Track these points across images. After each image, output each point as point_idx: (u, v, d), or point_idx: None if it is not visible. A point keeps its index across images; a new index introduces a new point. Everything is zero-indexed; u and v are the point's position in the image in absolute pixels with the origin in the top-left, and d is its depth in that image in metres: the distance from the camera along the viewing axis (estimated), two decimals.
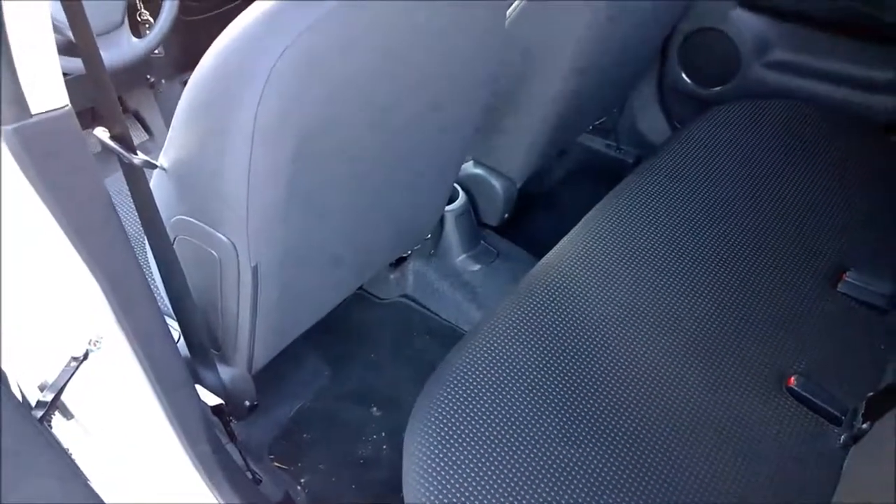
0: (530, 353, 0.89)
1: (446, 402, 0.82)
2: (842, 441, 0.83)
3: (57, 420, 0.76)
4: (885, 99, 1.38)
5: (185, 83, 0.67)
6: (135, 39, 1.31)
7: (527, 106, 1.21)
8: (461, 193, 1.39)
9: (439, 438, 0.78)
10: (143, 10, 1.31)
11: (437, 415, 0.80)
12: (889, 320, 0.99)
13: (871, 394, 0.83)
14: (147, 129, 1.79)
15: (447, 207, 1.36)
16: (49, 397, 0.68)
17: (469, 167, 1.39)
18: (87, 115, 1.48)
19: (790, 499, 0.78)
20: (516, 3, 1.10)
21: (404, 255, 1.40)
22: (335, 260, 0.95)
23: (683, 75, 1.61)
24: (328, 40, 0.62)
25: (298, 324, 1.00)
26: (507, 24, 0.90)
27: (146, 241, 0.73)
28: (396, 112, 0.79)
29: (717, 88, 1.56)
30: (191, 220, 0.75)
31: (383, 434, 1.21)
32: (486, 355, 0.87)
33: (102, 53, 0.56)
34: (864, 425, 0.80)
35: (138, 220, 0.69)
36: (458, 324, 1.39)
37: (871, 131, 1.39)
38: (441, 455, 0.77)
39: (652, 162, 1.26)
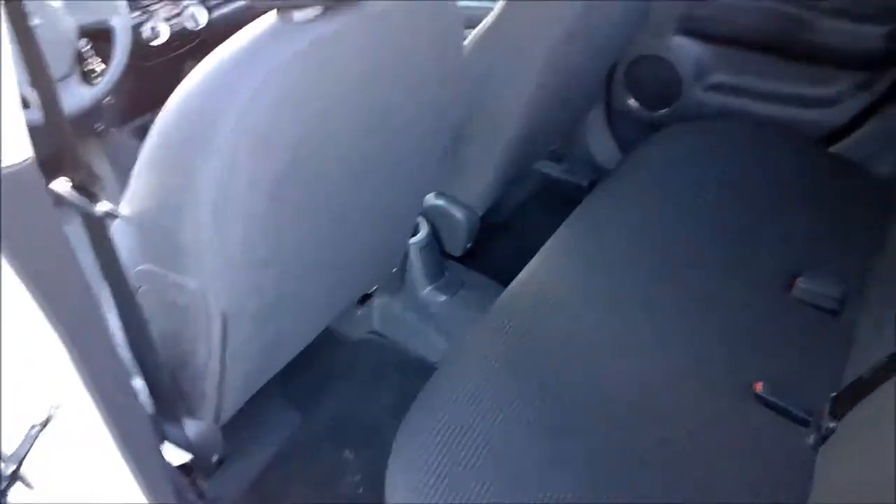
0: (506, 383, 0.89)
1: (428, 438, 0.81)
2: (812, 441, 0.85)
3: (15, 491, 0.71)
4: (817, 113, 1.47)
5: (134, 130, 0.66)
6: (85, 88, 1.29)
7: (486, 134, 1.23)
8: (424, 225, 1.40)
9: (423, 476, 0.77)
10: (92, 58, 1.29)
11: (420, 453, 0.79)
12: (842, 321, 1.03)
13: (835, 393, 0.86)
14: (96, 178, 1.74)
15: (411, 240, 1.36)
16: (9, 470, 0.65)
17: (430, 198, 1.40)
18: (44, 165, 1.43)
19: (766, 501, 0.80)
20: (474, 32, 1.13)
21: (370, 290, 1.39)
22: (305, 300, 0.94)
23: (630, 100, 1.67)
24: (296, 81, 0.62)
25: (268, 369, 0.98)
26: (465, 53, 0.92)
27: (109, 293, 0.70)
28: (363, 147, 0.79)
29: (663, 111, 1.62)
30: (156, 268, 0.73)
31: (359, 476, 1.19)
32: (462, 388, 0.87)
33: None
34: (832, 424, 0.82)
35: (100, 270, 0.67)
36: (428, 357, 1.38)
37: (805, 144, 1.46)
38: (426, 492, 0.75)
39: (606, 185, 1.30)
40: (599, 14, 1.15)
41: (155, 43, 1.33)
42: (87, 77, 1.32)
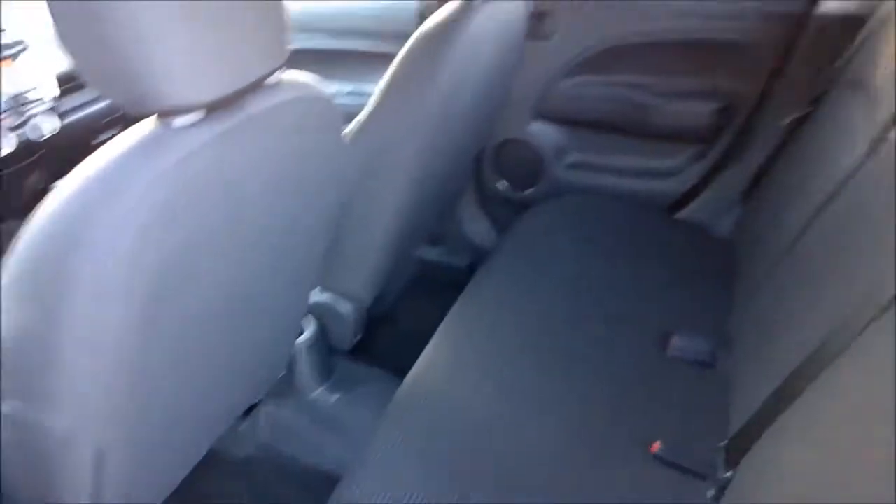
0: (422, 479, 0.86)
1: None
2: (711, 494, 0.88)
3: None
4: (663, 183, 1.62)
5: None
6: None
7: (367, 225, 1.23)
8: (311, 323, 1.35)
9: None
10: None
11: None
12: (718, 372, 1.10)
13: (724, 443, 0.90)
14: None
15: (297, 340, 1.30)
16: None
17: (315, 294, 1.36)
18: None
19: None
20: (350, 126, 1.15)
21: (255, 400, 1.29)
22: (185, 424, 0.85)
23: (499, 182, 1.76)
24: (174, 194, 0.58)
25: None
26: (347, 142, 0.92)
27: None
28: (247, 252, 0.76)
29: (530, 190, 1.72)
30: (14, 408, 0.63)
31: None
32: (378, 493, 0.82)
33: None
34: (727, 474, 0.86)
35: None
36: (325, 466, 1.29)
37: (657, 212, 1.61)
38: None
39: (486, 267, 1.34)
40: (465, 102, 1.21)
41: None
42: None
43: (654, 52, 1.49)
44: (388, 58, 1.13)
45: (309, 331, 1.33)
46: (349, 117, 1.13)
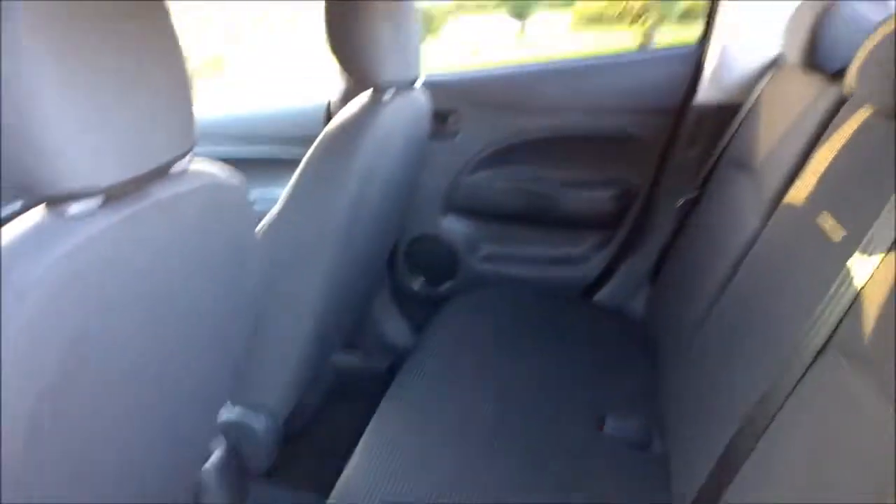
0: None
1: None
2: None
3: None
4: (575, 270, 1.66)
5: None
6: None
7: (280, 329, 1.16)
8: (220, 442, 1.22)
9: None
10: None
11: None
12: (652, 451, 1.08)
13: None
14: None
15: (205, 465, 1.17)
16: None
17: (225, 410, 1.24)
18: None
19: None
20: (262, 222, 1.10)
21: None
22: None
23: (414, 279, 1.73)
24: (59, 289, 0.51)
25: None
26: (259, 238, 0.87)
27: None
28: (149, 354, 0.67)
29: (446, 285, 1.71)
30: None
31: None
32: None
33: None
34: None
35: None
36: None
37: (573, 298, 1.64)
38: None
39: (407, 367, 1.29)
40: (373, 199, 1.20)
41: None
42: None
43: (555, 145, 1.57)
44: (297, 163, 1.12)
45: (218, 452, 1.20)
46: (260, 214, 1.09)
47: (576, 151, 1.58)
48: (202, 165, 0.72)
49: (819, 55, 1.07)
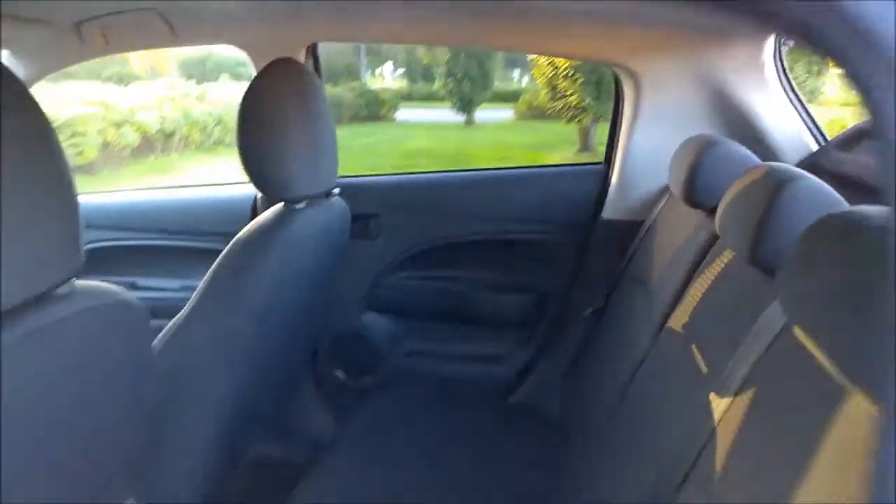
0: None
1: None
2: None
3: None
4: (495, 368, 1.70)
5: None
6: None
7: (189, 421, 1.14)
8: None
9: None
10: None
11: None
12: None
13: None
14: None
15: None
16: None
17: None
18: None
19: None
20: (165, 329, 1.09)
21: None
22: None
23: (337, 372, 1.75)
24: None
25: None
26: (156, 348, 0.87)
27: None
28: (45, 451, 0.67)
29: (368, 379, 1.72)
30: None
31: None
32: None
33: None
34: None
35: None
36: None
37: (490, 396, 1.67)
38: None
39: (325, 459, 1.29)
40: (286, 305, 1.22)
41: None
42: None
43: (475, 249, 1.64)
44: (216, 255, 1.11)
45: None
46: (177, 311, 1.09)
47: (495, 256, 1.65)
48: (90, 285, 0.71)
49: (696, 192, 1.12)
